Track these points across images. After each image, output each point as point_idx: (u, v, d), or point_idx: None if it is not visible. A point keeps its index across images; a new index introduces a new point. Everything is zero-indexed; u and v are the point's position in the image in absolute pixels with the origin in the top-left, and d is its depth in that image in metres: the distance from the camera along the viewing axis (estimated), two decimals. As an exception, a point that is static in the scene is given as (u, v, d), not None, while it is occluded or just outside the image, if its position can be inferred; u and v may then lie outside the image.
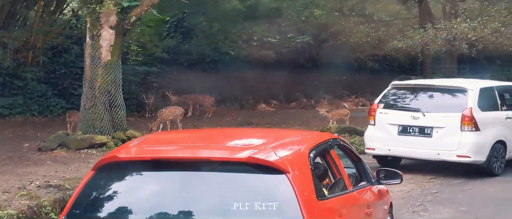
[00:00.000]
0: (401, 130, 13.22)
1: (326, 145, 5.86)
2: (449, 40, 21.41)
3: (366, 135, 13.98)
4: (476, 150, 12.68)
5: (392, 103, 13.76)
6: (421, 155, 13.20)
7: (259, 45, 28.16)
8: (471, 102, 12.67)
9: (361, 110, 28.31)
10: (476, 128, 12.61)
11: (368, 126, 14.03)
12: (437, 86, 13.78)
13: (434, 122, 12.87)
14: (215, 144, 5.77)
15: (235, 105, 28.67)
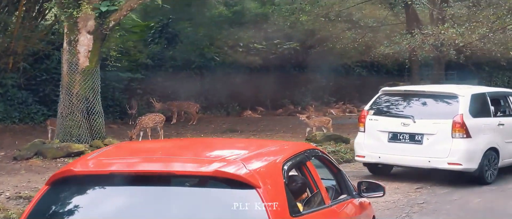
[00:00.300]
0: (391, 137, 12.91)
1: (302, 156, 5.46)
2: (437, 46, 21.01)
3: (355, 142, 13.66)
4: (468, 157, 12.36)
5: (382, 109, 13.46)
6: (412, 163, 12.89)
7: (245, 51, 27.68)
8: (462, 108, 12.38)
9: (348, 116, 27.94)
10: (467, 135, 12.29)
11: (358, 132, 13.73)
12: (428, 92, 13.46)
13: (424, 129, 12.57)
14: (183, 156, 5.30)
15: (221, 112, 28.20)
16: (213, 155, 5.21)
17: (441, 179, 13.05)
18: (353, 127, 22.86)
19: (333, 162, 6.25)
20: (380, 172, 13.74)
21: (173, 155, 5.37)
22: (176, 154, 5.47)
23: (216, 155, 5.15)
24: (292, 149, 5.56)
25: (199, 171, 4.54)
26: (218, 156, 5.04)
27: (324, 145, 17.01)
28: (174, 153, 5.57)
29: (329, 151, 16.21)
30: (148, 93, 25.93)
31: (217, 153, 5.29)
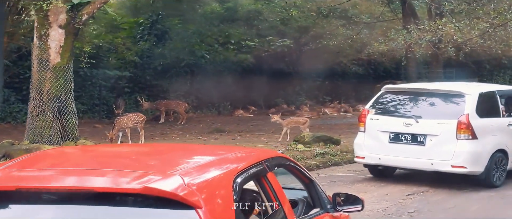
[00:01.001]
0: (393, 138, 12.09)
1: (262, 166, 4.63)
2: (434, 43, 19.91)
3: (355, 142, 12.82)
4: (473, 160, 11.51)
5: (383, 108, 12.67)
6: (414, 165, 12.04)
7: (236, 48, 26.61)
8: (468, 108, 11.55)
9: (342, 116, 26.87)
10: (473, 136, 11.46)
11: (358, 132, 12.88)
12: (432, 90, 12.56)
13: (427, 129, 11.75)
14: (112, 167, 4.26)
15: (212, 111, 27.14)
16: (151, 166, 4.32)
17: (437, 184, 12.01)
18: (347, 127, 21.85)
19: (304, 172, 5.39)
20: (382, 174, 12.87)
21: (101, 167, 4.35)
22: (106, 165, 4.43)
23: (155, 165, 4.32)
24: (250, 158, 4.76)
25: (124, 188, 3.65)
26: (157, 166, 4.24)
27: (312, 147, 15.95)
28: (104, 163, 4.53)
29: (317, 153, 15.18)
30: (136, 92, 24.91)
31: (157, 163, 4.43)
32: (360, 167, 14.07)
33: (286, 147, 16.11)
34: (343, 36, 23.10)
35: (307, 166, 13.85)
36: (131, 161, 4.61)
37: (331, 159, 14.69)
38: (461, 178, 12.02)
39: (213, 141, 17.74)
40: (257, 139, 17.73)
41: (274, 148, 16.13)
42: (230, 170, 4.16)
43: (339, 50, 25.27)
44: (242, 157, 4.80)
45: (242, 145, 16.72)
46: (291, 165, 5.30)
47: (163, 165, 4.26)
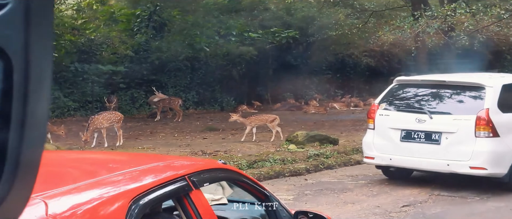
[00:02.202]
0: (404, 136, 10.79)
1: (183, 183, 3.75)
2: (445, 31, 18.05)
3: (364, 141, 11.46)
4: (494, 160, 10.12)
5: (394, 103, 11.35)
6: (428, 166, 10.68)
7: (239, 40, 24.91)
8: (489, 102, 10.20)
9: (352, 111, 25.09)
10: (494, 134, 10.08)
11: (367, 130, 11.49)
12: (449, 83, 11.16)
13: (443, 126, 10.45)
14: None
15: (215, 106, 25.54)
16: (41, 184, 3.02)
17: (444, 190, 10.44)
18: (352, 123, 20.12)
19: (254, 185, 4.63)
20: (396, 176, 11.45)
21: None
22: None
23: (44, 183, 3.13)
24: (168, 171, 3.89)
25: None
26: (46, 185, 3.07)
27: (306, 147, 14.28)
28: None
29: (311, 154, 13.51)
30: (132, 88, 23.37)
31: (52, 180, 3.27)
32: (354, 172, 12.44)
33: (276, 148, 14.42)
34: (348, 26, 21.29)
35: (296, 170, 12.25)
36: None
37: (324, 162, 12.99)
38: (474, 183, 10.52)
39: (200, 140, 16.15)
40: (249, 138, 16.03)
41: (265, 149, 14.48)
42: (127, 191, 3.22)
43: (348, 41, 23.46)
44: (161, 168, 3.96)
45: (230, 145, 15.11)
46: (236, 178, 4.57)
47: (50, 184, 3.12)
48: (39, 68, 1.04)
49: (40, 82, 1.04)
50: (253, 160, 12.89)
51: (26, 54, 1.01)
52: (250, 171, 11.98)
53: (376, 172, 12.25)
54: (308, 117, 22.74)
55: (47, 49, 1.06)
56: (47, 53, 1.06)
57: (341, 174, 12.29)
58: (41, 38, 1.04)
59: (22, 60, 1.00)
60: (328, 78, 29.72)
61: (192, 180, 3.88)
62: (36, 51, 1.03)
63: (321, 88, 29.51)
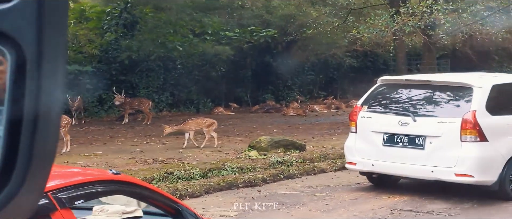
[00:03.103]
0: (387, 140, 10.01)
1: (44, 201, 3.22)
2: (423, 30, 16.83)
3: (345, 145, 10.68)
4: (482, 167, 9.34)
5: (377, 104, 10.59)
6: (411, 172, 9.88)
7: (214, 40, 23.67)
8: (476, 104, 9.41)
9: (332, 113, 23.89)
10: (481, 138, 9.29)
11: (349, 133, 10.70)
12: (434, 83, 10.37)
13: (427, 130, 9.68)
14: None
15: (190, 109, 24.33)
16: None
17: (428, 198, 9.47)
18: (329, 127, 18.92)
19: (164, 199, 4.19)
20: (383, 182, 10.57)
21: None
22: None
23: None
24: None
25: None
26: None
27: (269, 154, 13.08)
28: None
29: (273, 161, 12.32)
30: (100, 89, 22.12)
31: None
32: (315, 182, 11.28)
33: (237, 155, 13.21)
34: (326, 24, 20.08)
35: (251, 180, 11.06)
36: None
37: (284, 171, 11.78)
38: (444, 196, 9.60)
39: (158, 146, 14.94)
40: (211, 143, 14.82)
41: (225, 156, 13.28)
42: None
43: (327, 41, 22.24)
44: None
45: (188, 151, 13.92)
46: (132, 191, 4.05)
47: None
48: (52, 59, 1.01)
49: (53, 74, 1.02)
50: (208, 169, 11.68)
51: (39, 45, 0.99)
52: (199, 182, 10.79)
53: (338, 182, 11.13)
54: (285, 120, 21.57)
55: (60, 40, 1.04)
56: (60, 44, 1.04)
57: (300, 185, 11.08)
58: (55, 28, 1.02)
59: (35, 51, 0.99)
60: (311, 79, 28.56)
61: (58, 197, 3.36)
62: (49, 42, 1.00)
63: (303, 90, 28.36)
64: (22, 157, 0.99)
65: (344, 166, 12.45)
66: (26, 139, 0.98)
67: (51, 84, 1.02)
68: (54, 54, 1.02)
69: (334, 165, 12.47)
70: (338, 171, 12.26)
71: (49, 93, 1.01)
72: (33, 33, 0.98)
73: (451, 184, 9.51)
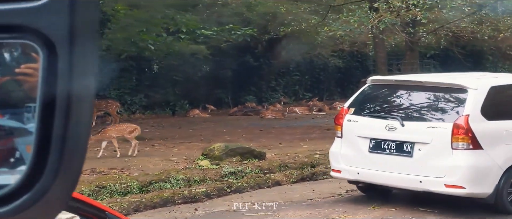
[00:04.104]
0: (374, 146, 9.14)
1: None
2: (403, 27, 15.43)
3: (331, 151, 9.82)
4: (474, 178, 8.43)
5: (364, 107, 9.71)
6: (398, 182, 8.97)
7: (191, 38, 22.30)
8: (470, 107, 8.54)
9: (313, 116, 22.50)
10: (474, 145, 8.41)
11: (335, 138, 9.82)
12: (426, 84, 9.48)
13: (415, 135, 8.80)
14: None
15: (166, 111, 23.01)
16: None
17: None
18: (303, 131, 17.54)
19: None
20: (378, 192, 9.64)
21: None
22: None
23: None
24: None
25: None
26: None
27: (223, 163, 11.74)
28: None
29: (225, 172, 10.99)
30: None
31: None
32: (265, 197, 10.00)
33: (188, 164, 11.85)
34: (306, 22, 18.70)
35: (192, 195, 9.78)
36: None
37: (232, 184, 10.41)
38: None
39: (105, 153, 13.53)
40: (176, 149, 13.54)
41: (175, 165, 11.93)
42: None
43: (308, 40, 20.83)
44: None
45: (138, 159, 12.58)
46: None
47: None
48: (84, 57, 1.02)
49: (85, 71, 1.02)
50: (149, 181, 10.35)
51: (71, 42, 0.99)
52: (130, 198, 9.46)
53: (289, 198, 9.79)
54: (262, 123, 20.22)
55: (92, 37, 1.03)
56: (92, 42, 1.03)
57: (247, 200, 9.73)
58: (86, 26, 1.02)
59: (67, 49, 0.99)
60: (295, 80, 27.20)
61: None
62: (81, 39, 1.00)
63: (288, 91, 27.03)
64: (54, 152, 0.98)
65: (302, 177, 11.33)
66: (58, 136, 0.98)
67: (83, 81, 1.01)
68: (86, 51, 1.01)
69: (292, 176, 11.12)
70: (295, 183, 10.93)
71: (81, 89, 1.00)
72: (65, 30, 0.98)
73: (442, 196, 8.60)
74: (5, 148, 1.07)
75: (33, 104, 1.01)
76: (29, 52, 1.00)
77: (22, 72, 1.02)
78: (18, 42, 1.01)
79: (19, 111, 1.05)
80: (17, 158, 1.05)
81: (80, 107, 1.00)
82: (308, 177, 11.27)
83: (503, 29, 16.15)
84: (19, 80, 1.03)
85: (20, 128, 1.04)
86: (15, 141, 1.07)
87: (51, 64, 0.98)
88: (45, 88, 0.98)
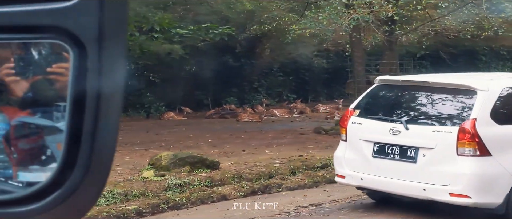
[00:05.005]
0: (377, 150, 8.64)
1: None
2: (380, 25, 14.22)
3: (335, 155, 9.32)
4: (481, 187, 7.83)
5: (369, 108, 9.19)
6: (401, 190, 8.40)
7: (165, 38, 21.13)
8: (478, 110, 7.96)
9: (291, 119, 21.29)
10: (482, 151, 7.80)
11: (340, 142, 9.32)
12: (433, 84, 8.85)
13: (419, 140, 8.26)
14: None
15: (141, 113, 21.87)
16: None
17: None
18: (274, 136, 16.29)
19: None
20: (385, 199, 9.14)
21: None
22: None
23: None
24: None
25: None
26: None
27: (170, 173, 10.56)
28: None
29: (170, 184, 9.88)
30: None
31: None
32: (203, 214, 8.73)
33: (129, 176, 10.67)
34: (283, 20, 17.51)
35: (120, 213, 8.58)
36: None
37: (169, 200, 9.22)
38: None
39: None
40: (128, 156, 12.40)
41: (117, 175, 10.73)
42: None
43: (284, 39, 19.59)
44: None
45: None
46: None
47: None
48: (113, 56, 1.03)
49: (114, 70, 1.04)
50: (79, 195, 9.13)
51: (101, 42, 1.01)
52: (46, 215, 8.21)
53: (229, 216, 8.61)
54: (237, 126, 19.05)
55: (121, 36, 1.05)
56: (121, 41, 1.05)
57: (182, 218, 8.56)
58: (116, 25, 1.03)
59: (96, 48, 1.00)
60: (280, 81, 25.99)
61: None
62: (110, 39, 1.02)
63: (272, 92, 25.82)
64: (84, 149, 0.99)
65: (253, 190, 10.19)
66: (87, 133, 0.99)
67: (112, 79, 1.02)
68: (115, 50, 1.02)
69: (241, 190, 9.92)
70: (245, 197, 9.75)
71: (110, 87, 1.01)
72: (95, 30, 0.99)
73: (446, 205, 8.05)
74: (37, 145, 1.09)
75: (63, 103, 1.02)
76: (60, 52, 1.02)
77: (53, 72, 1.05)
78: (49, 42, 1.04)
79: (50, 110, 1.07)
80: (48, 155, 1.07)
81: (109, 105, 1.02)
82: (260, 190, 10.09)
83: (487, 27, 14.96)
84: (50, 80, 1.05)
85: (51, 126, 1.07)
86: (46, 139, 1.08)
87: (81, 63, 1.00)
88: (75, 87, 1.00)
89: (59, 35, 0.99)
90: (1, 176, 1.07)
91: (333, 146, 14.16)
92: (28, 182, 1.05)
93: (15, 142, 1.10)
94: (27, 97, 1.08)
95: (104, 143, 1.02)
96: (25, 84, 1.07)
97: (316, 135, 16.16)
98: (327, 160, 11.63)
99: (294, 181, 10.54)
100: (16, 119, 1.09)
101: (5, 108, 1.09)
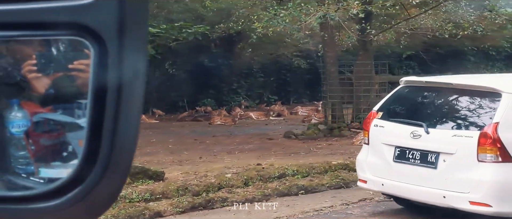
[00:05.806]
0: (398, 155, 8.32)
1: None
2: (348, 24, 13.18)
3: (357, 159, 9.07)
4: (503, 195, 7.47)
5: (392, 111, 8.92)
6: (421, 196, 8.10)
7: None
8: (501, 114, 7.62)
9: (267, 122, 20.25)
10: (504, 157, 7.44)
11: (362, 145, 9.19)
12: (456, 86, 8.52)
13: (440, 145, 7.92)
14: None
15: (111, 116, 20.79)
16: None
17: None
18: (242, 140, 15.30)
19: None
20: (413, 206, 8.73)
21: None
22: None
23: None
24: None
25: None
26: None
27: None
28: None
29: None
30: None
31: None
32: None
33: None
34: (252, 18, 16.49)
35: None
36: None
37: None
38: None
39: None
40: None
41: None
42: None
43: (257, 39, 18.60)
44: None
45: None
46: None
47: None
48: (134, 52, 1.02)
49: (134, 66, 1.02)
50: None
51: (121, 38, 1.00)
52: None
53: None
54: (207, 130, 18.07)
55: (142, 32, 1.04)
56: (142, 37, 1.04)
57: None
58: (136, 21, 1.02)
59: (116, 44, 1.00)
60: (260, 82, 24.94)
61: None
62: (130, 35, 1.01)
63: (252, 94, 24.77)
64: (105, 146, 0.99)
65: (194, 206, 9.17)
66: (108, 130, 0.99)
67: (132, 75, 1.01)
68: (135, 46, 1.01)
69: (179, 205, 8.88)
70: (182, 214, 8.72)
71: (131, 84, 1.00)
72: (115, 26, 0.99)
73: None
74: (58, 142, 1.09)
75: (83, 100, 1.02)
76: (81, 49, 1.01)
77: (75, 68, 1.04)
78: (70, 39, 1.03)
79: (71, 106, 1.07)
80: (69, 152, 1.07)
81: (130, 102, 1.01)
82: (201, 205, 9.07)
83: (466, 26, 13.95)
84: (71, 76, 1.05)
85: (72, 123, 1.07)
86: (67, 135, 1.09)
87: (102, 59, 0.99)
88: (96, 84, 0.99)
89: (80, 32, 0.98)
90: (23, 172, 1.07)
91: (299, 152, 13.17)
92: (49, 178, 1.05)
93: (37, 138, 1.09)
94: (49, 94, 1.08)
95: (125, 139, 1.01)
96: (46, 81, 1.07)
97: (285, 140, 15.15)
98: (285, 169, 10.63)
99: (242, 194, 9.51)
100: (37, 115, 1.09)
101: (27, 105, 1.08)
